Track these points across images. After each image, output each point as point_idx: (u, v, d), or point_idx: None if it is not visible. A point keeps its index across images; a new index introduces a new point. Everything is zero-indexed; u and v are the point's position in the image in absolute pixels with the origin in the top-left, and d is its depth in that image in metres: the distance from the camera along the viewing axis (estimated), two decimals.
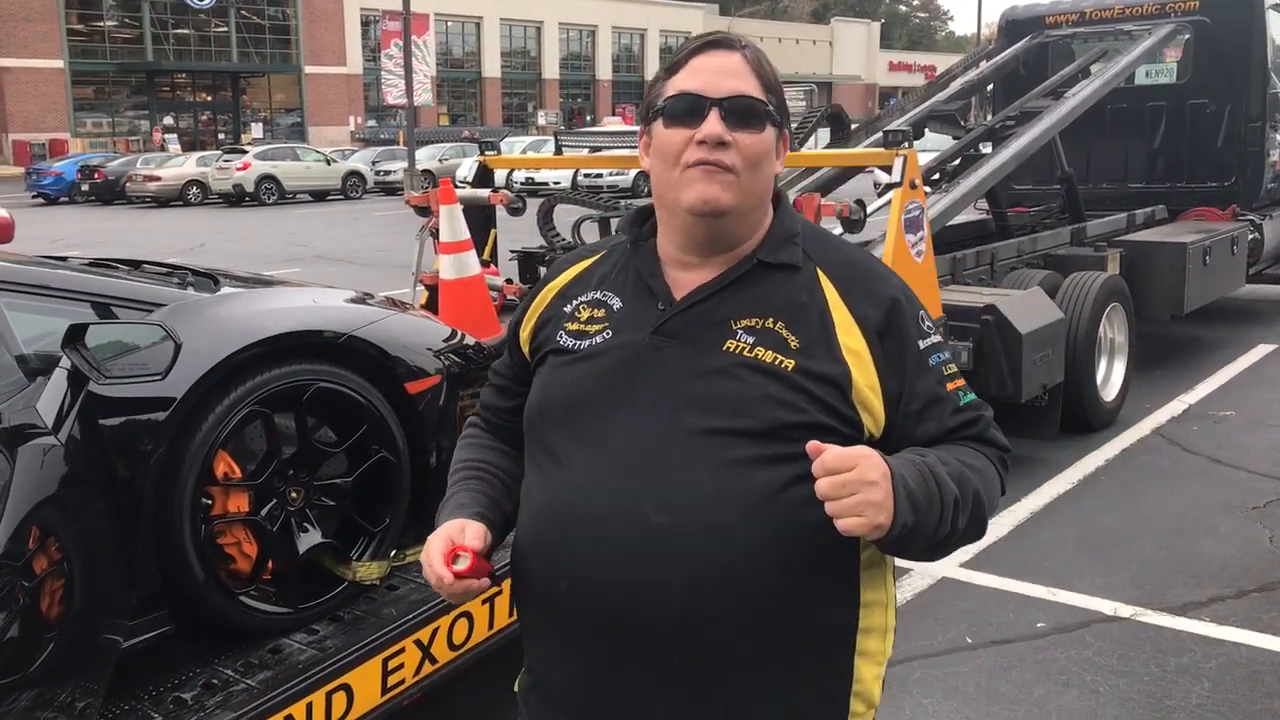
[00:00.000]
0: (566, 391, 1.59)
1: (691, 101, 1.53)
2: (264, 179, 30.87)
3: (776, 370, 1.50)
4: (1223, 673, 3.83)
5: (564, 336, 1.63)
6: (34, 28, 44.65)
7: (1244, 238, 8.80)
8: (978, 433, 1.62)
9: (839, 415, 1.51)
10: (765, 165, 1.56)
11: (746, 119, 1.53)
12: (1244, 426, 6.81)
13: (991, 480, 1.58)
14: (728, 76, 1.54)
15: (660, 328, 1.55)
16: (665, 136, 1.55)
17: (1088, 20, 9.57)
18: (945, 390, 1.60)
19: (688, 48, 1.59)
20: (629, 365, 1.55)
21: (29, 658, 2.21)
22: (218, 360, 2.76)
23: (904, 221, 5.01)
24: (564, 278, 1.71)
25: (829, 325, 1.54)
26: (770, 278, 1.58)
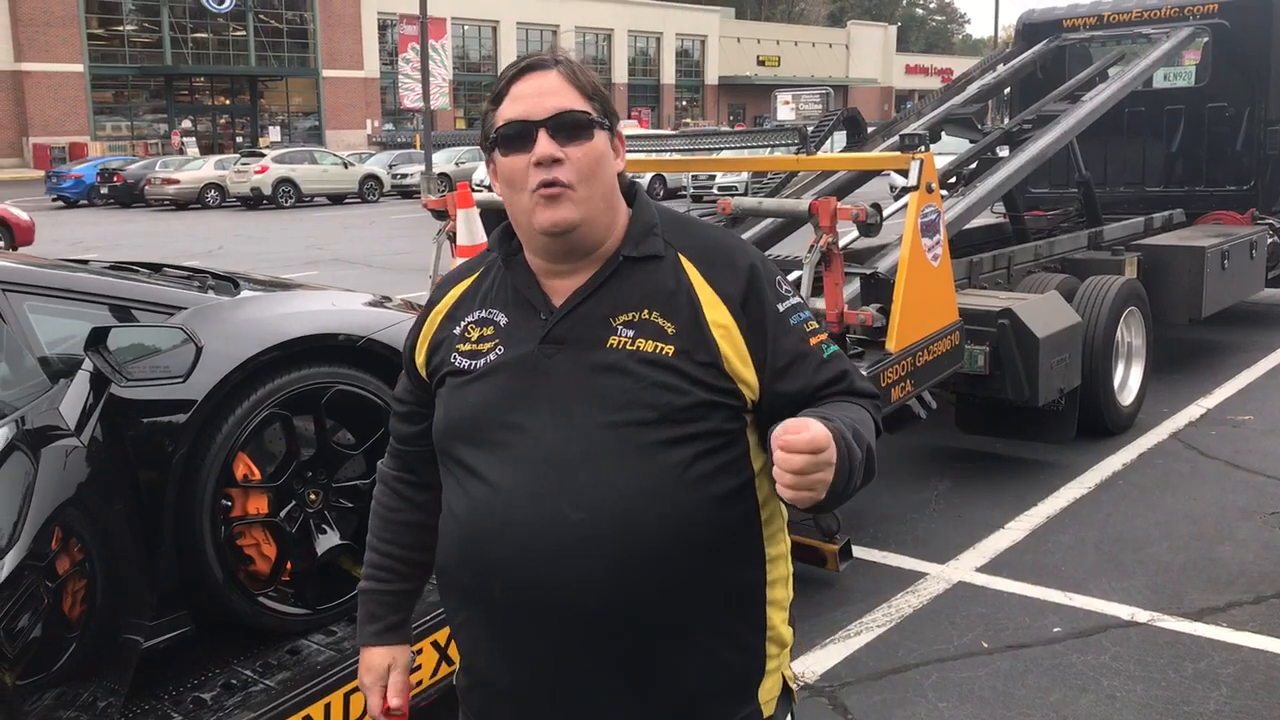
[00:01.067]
0: (470, 409, 1.65)
1: (519, 128, 1.60)
2: (282, 182, 30.99)
3: (659, 359, 1.59)
4: (1241, 678, 3.81)
5: (458, 357, 1.69)
6: (55, 32, 44.96)
7: (1263, 242, 8.75)
8: (849, 385, 1.71)
9: (720, 390, 1.61)
10: (602, 170, 1.63)
11: (573, 132, 1.60)
12: (1263, 431, 6.78)
13: (873, 431, 1.67)
14: (548, 95, 1.61)
15: (546, 336, 1.63)
16: (506, 164, 1.63)
17: (1105, 23, 9.53)
18: (809, 346, 1.69)
19: (505, 76, 1.65)
20: (524, 376, 1.62)
21: (52, 657, 2.23)
22: (238, 363, 2.78)
23: (920, 225, 5.00)
24: (448, 300, 1.76)
25: (697, 306, 1.63)
26: (638, 270, 1.65)
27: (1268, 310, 10.53)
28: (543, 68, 1.64)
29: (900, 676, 3.86)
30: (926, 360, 5.03)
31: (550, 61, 1.65)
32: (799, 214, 5.07)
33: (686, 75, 69.49)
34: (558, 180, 1.58)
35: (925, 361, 5.02)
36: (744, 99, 69.58)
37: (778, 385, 1.66)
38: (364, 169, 33.63)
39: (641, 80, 67.07)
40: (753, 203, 5.77)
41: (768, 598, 1.69)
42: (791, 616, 1.76)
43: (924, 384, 5.03)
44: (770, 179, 7.30)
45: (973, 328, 5.59)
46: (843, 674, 3.91)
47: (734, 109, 70.07)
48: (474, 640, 1.70)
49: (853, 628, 4.24)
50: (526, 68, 1.65)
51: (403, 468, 1.87)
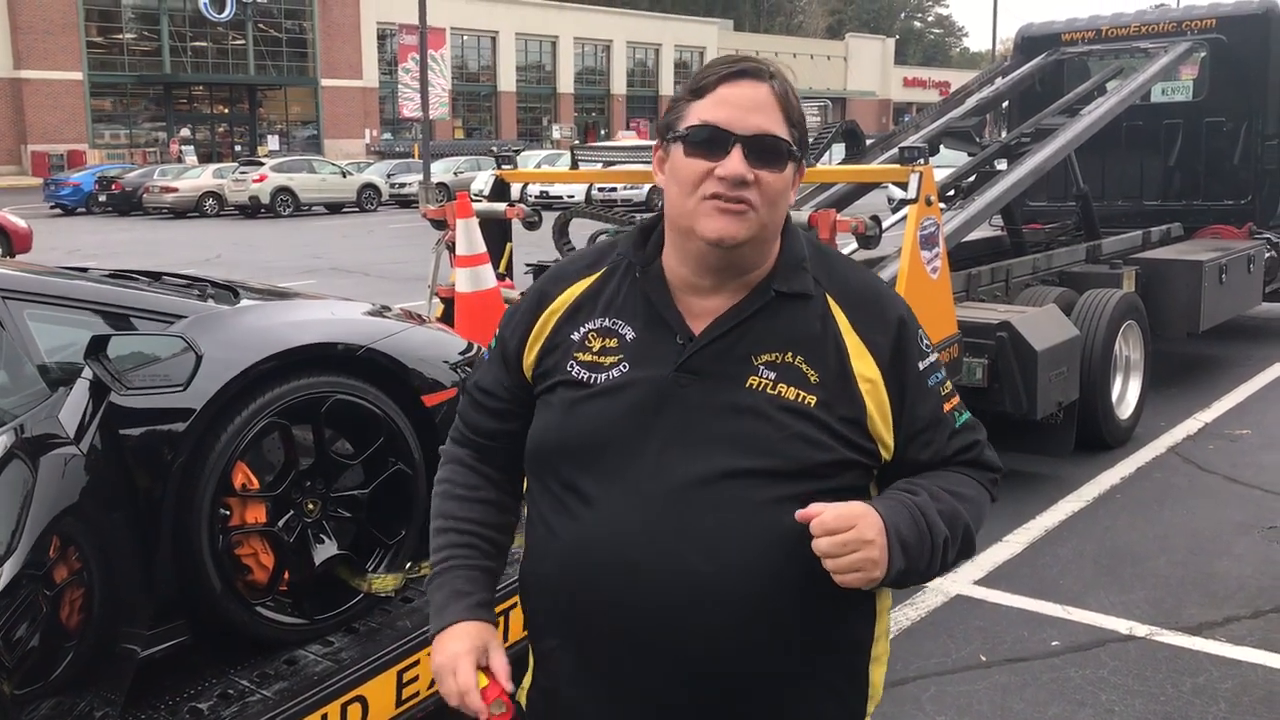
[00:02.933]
0: (588, 429, 1.55)
1: (714, 134, 1.50)
2: (280, 191, 31.02)
3: (801, 408, 1.51)
4: (1239, 693, 3.81)
5: (576, 367, 1.58)
6: (54, 40, 45.03)
7: (1260, 256, 8.78)
8: (973, 457, 1.65)
9: (860, 449, 1.54)
10: (782, 201, 1.55)
11: (770, 158, 1.50)
12: (1260, 445, 6.78)
13: (982, 507, 1.62)
14: (754, 111, 1.50)
15: (683, 364, 1.53)
16: (684, 164, 1.53)
17: (1104, 38, 9.57)
18: (943, 412, 1.62)
19: (716, 72, 1.54)
20: (653, 403, 1.52)
21: (49, 666, 2.22)
22: (237, 372, 2.78)
23: (919, 238, 5.01)
24: (565, 299, 1.65)
25: (844, 355, 1.55)
26: (785, 308, 1.57)
27: (1265, 324, 10.54)
28: (758, 77, 1.53)
29: (898, 690, 3.86)
30: None
31: (766, 73, 1.54)
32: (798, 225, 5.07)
33: None
34: (742, 198, 1.49)
35: None
36: None
37: (910, 452, 1.59)
38: (362, 178, 33.68)
39: (640, 91, 67.20)
40: None
41: (872, 655, 1.64)
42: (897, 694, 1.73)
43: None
44: None
45: (971, 340, 5.59)
46: None
47: None
48: (562, 668, 1.61)
49: None
50: (741, 72, 1.53)
51: (478, 458, 1.75)
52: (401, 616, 3.13)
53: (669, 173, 1.57)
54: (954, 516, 1.54)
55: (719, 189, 1.49)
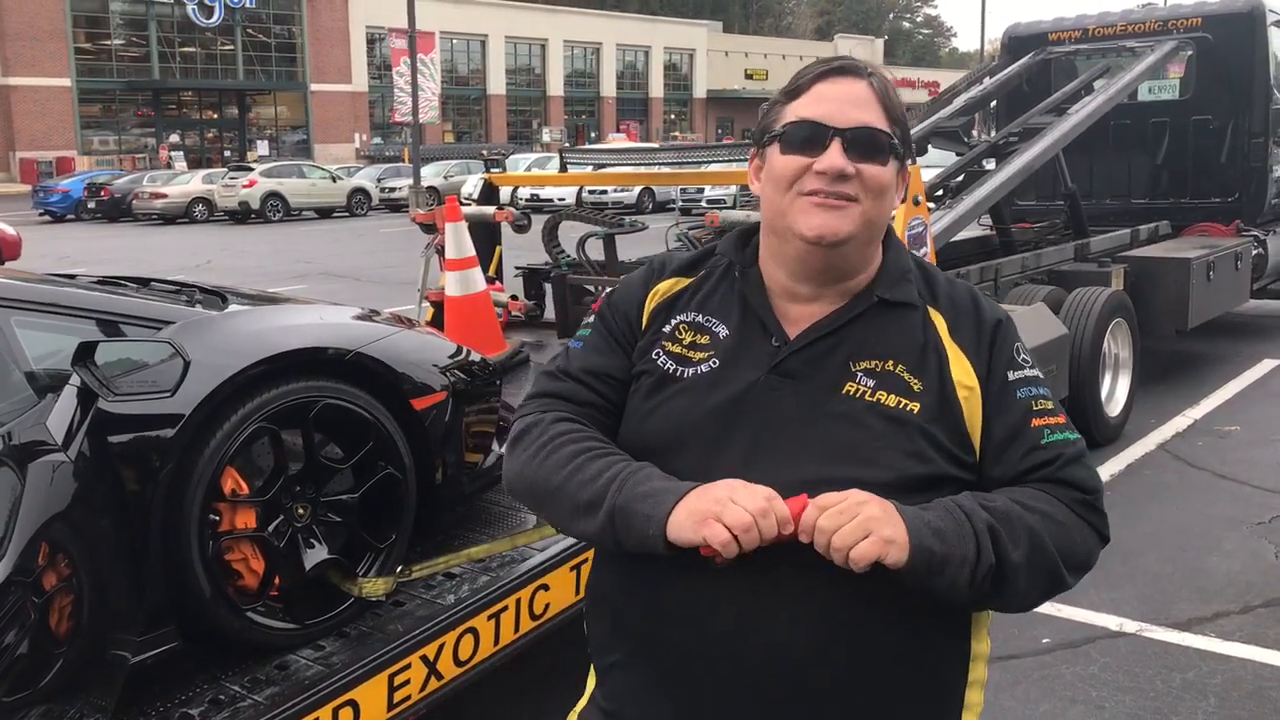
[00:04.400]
0: (673, 420, 1.49)
1: (812, 130, 1.46)
2: (270, 196, 30.99)
3: (901, 415, 1.44)
4: (1228, 688, 3.83)
5: (661, 357, 1.53)
6: (42, 46, 44.91)
7: (1248, 253, 8.81)
8: (1050, 473, 1.50)
9: (960, 463, 1.47)
10: (886, 199, 1.49)
11: (870, 151, 1.46)
12: (1249, 442, 6.81)
13: (1066, 527, 1.46)
14: (853, 106, 1.47)
15: (777, 366, 1.47)
16: (781, 163, 1.48)
17: (1091, 37, 9.60)
18: (1029, 427, 1.51)
19: (812, 72, 1.51)
20: (743, 402, 1.46)
21: (38, 674, 2.22)
22: (226, 377, 2.78)
23: (907, 238, 5.02)
24: (668, 287, 1.61)
25: (944, 362, 1.49)
26: (887, 316, 1.51)
27: (1253, 321, 10.58)
28: (855, 74, 1.49)
29: None
30: None
31: (865, 70, 1.50)
32: None
33: (674, 89, 69.69)
34: (844, 193, 1.44)
35: None
36: (732, 112, 69.78)
37: (984, 466, 1.50)
38: (352, 183, 33.68)
39: (630, 94, 67.23)
40: (741, 216, 5.78)
41: (965, 701, 1.54)
42: None
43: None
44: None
45: None
46: None
47: (722, 122, 70.27)
48: (625, 686, 1.52)
49: None
50: (838, 69, 1.50)
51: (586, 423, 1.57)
52: (392, 620, 3.13)
53: (766, 177, 1.52)
54: (1009, 516, 1.42)
55: (818, 184, 1.44)
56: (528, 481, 1.53)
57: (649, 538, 1.38)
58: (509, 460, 1.58)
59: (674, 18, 72.36)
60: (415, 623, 3.08)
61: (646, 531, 1.38)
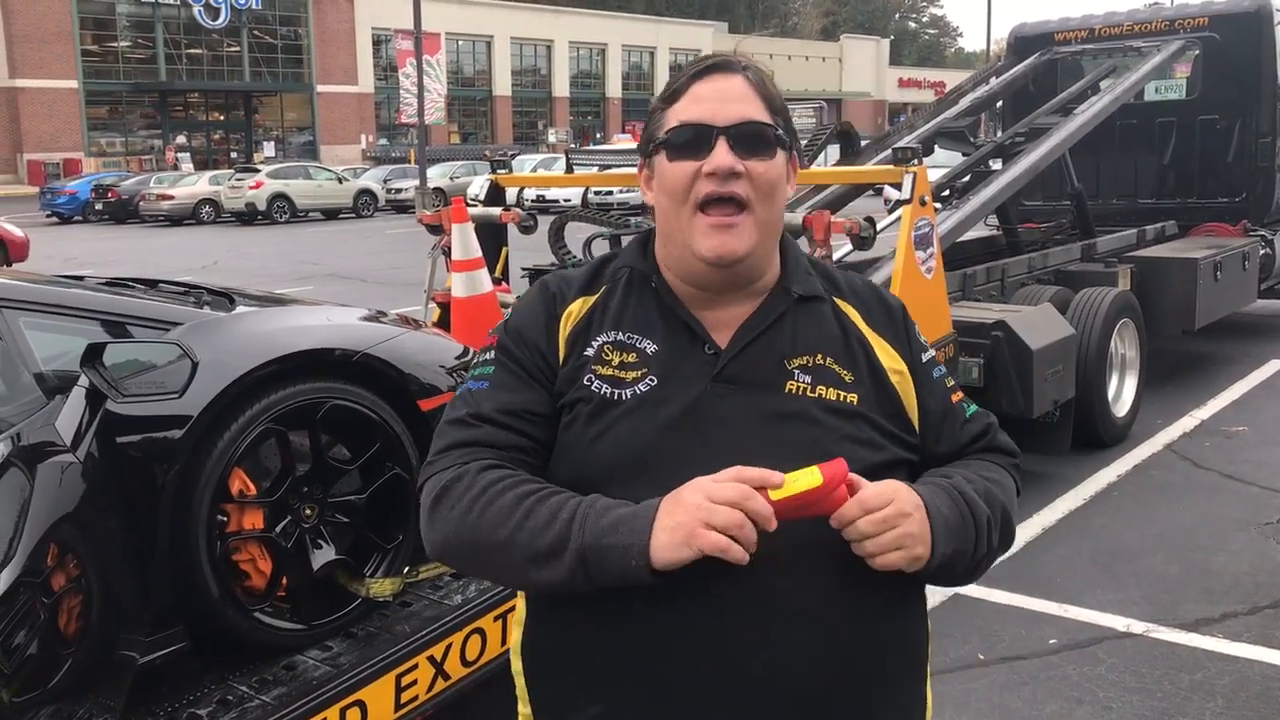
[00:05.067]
0: (626, 448, 1.42)
1: (696, 131, 1.44)
2: (276, 197, 31.02)
3: (845, 408, 1.45)
4: (1236, 689, 3.82)
5: (597, 382, 1.46)
6: (49, 48, 45.02)
7: (1255, 253, 8.80)
8: (989, 442, 1.60)
9: (908, 445, 1.50)
10: (779, 193, 1.48)
11: (757, 146, 1.44)
12: (1256, 442, 6.80)
13: (1010, 490, 1.57)
14: (733, 101, 1.45)
15: (720, 374, 1.45)
16: (670, 171, 1.46)
17: (1097, 37, 9.59)
18: (952, 403, 1.59)
19: (686, 73, 1.50)
20: (693, 415, 1.43)
21: (48, 674, 2.23)
22: (234, 378, 2.78)
23: (914, 238, 5.02)
24: (578, 308, 1.54)
25: (870, 351, 1.52)
26: (805, 311, 1.52)
27: (1260, 321, 10.56)
28: (729, 69, 1.48)
29: None
30: None
31: (737, 64, 1.49)
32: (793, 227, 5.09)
33: None
34: (734, 195, 1.42)
35: None
36: None
37: (927, 445, 1.54)
38: (358, 184, 33.69)
39: (635, 94, 67.21)
40: None
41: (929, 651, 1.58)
42: None
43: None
44: None
45: (967, 340, 5.60)
46: None
47: None
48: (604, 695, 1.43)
49: None
50: (712, 67, 1.48)
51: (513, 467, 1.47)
52: (400, 621, 3.14)
53: (658, 187, 1.50)
54: (989, 496, 1.49)
55: (711, 186, 1.42)
56: (464, 541, 1.41)
57: (631, 569, 1.31)
58: (433, 524, 1.44)
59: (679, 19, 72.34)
60: (422, 623, 3.08)
61: (627, 563, 1.31)
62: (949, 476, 1.50)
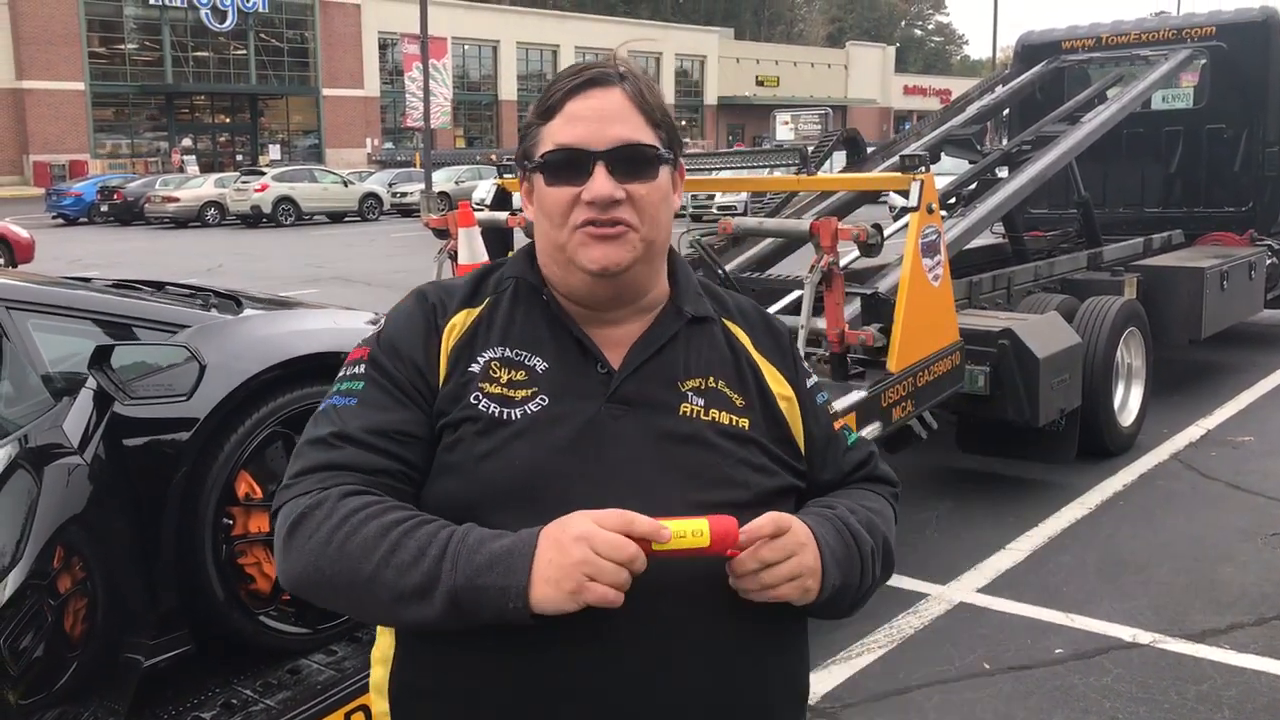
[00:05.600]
0: (519, 472, 1.34)
1: (572, 156, 1.37)
2: (281, 200, 31.05)
3: (738, 432, 1.42)
4: (1243, 701, 3.80)
5: (485, 401, 1.37)
6: (56, 50, 45.13)
7: (1262, 262, 8.78)
8: (869, 471, 1.59)
9: (796, 471, 1.48)
10: (663, 212, 1.42)
11: (637, 168, 1.38)
12: (1263, 452, 6.78)
13: (890, 520, 1.55)
14: (610, 121, 1.38)
15: (614, 395, 1.39)
16: (549, 195, 1.40)
17: (1104, 45, 9.59)
18: (834, 430, 1.57)
19: (560, 88, 1.42)
20: (587, 437, 1.36)
21: (53, 676, 2.22)
22: (241, 381, 2.78)
23: (921, 246, 5.01)
24: (460, 320, 1.45)
25: (760, 376, 1.49)
26: (696, 333, 1.48)
27: (1267, 331, 10.54)
28: (606, 83, 1.41)
29: (902, 698, 3.85)
30: (927, 380, 5.04)
31: (614, 75, 1.42)
32: (800, 234, 5.09)
33: (686, 95, 69.72)
34: (617, 219, 1.37)
35: (926, 382, 5.03)
36: (743, 119, 69.80)
37: (814, 472, 1.52)
38: (364, 187, 33.72)
39: None
40: (754, 223, 5.79)
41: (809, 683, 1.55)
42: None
43: (925, 404, 5.04)
44: (769, 199, 7.32)
45: (973, 348, 5.59)
46: (844, 695, 3.89)
47: (733, 129, 70.29)
48: None
49: (854, 649, 4.22)
50: (588, 81, 1.41)
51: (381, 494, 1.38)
52: None
53: (536, 206, 1.44)
54: (872, 527, 1.47)
55: (590, 214, 1.36)
56: (323, 576, 1.30)
57: (509, 611, 1.24)
58: (287, 555, 1.33)
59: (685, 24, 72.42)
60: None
61: (504, 605, 1.23)
62: (832, 507, 1.47)
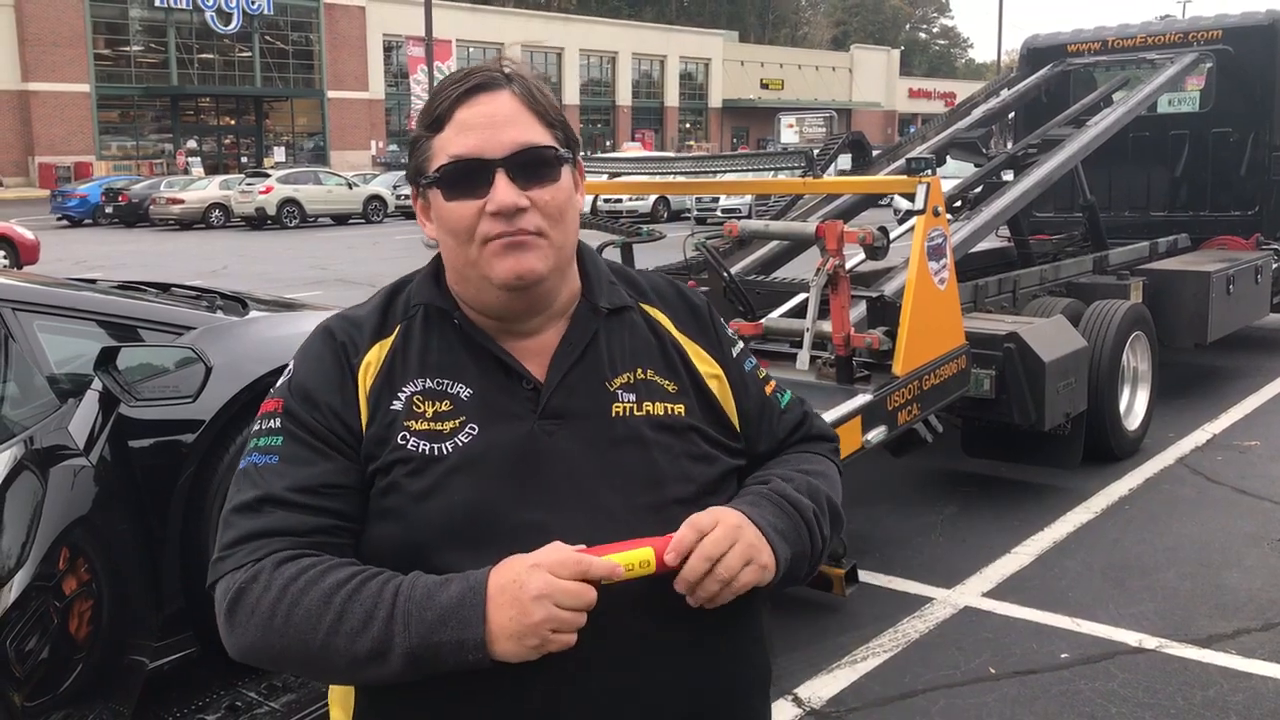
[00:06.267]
0: (462, 508, 1.30)
1: (469, 166, 1.32)
2: (286, 202, 31.10)
3: (675, 422, 1.39)
4: (1250, 706, 3.79)
5: (410, 438, 1.33)
6: (61, 52, 45.24)
7: (1268, 266, 8.77)
8: (805, 432, 1.58)
9: (733, 451, 1.46)
10: (570, 213, 1.39)
11: (538, 171, 1.34)
12: (1269, 456, 6.76)
13: (834, 477, 1.54)
14: (504, 126, 1.33)
15: (544, 410, 1.36)
16: (449, 211, 1.34)
17: (1110, 49, 9.58)
18: (766, 394, 1.55)
19: (446, 96, 1.36)
20: (526, 461, 1.33)
21: (59, 678, 2.22)
22: (247, 383, 2.78)
23: (927, 249, 5.01)
24: (374, 357, 1.39)
25: (688, 359, 1.46)
26: (616, 325, 1.44)
27: (1273, 335, 10.52)
28: (493, 86, 1.35)
29: (907, 702, 3.84)
30: (933, 384, 5.03)
31: (501, 78, 1.36)
32: (806, 237, 5.08)
33: (690, 98, 69.77)
34: (523, 230, 1.32)
35: (931, 385, 5.02)
36: (747, 122, 69.83)
37: (751, 446, 1.50)
38: (368, 190, 33.76)
39: (645, 103, 67.33)
40: (759, 225, 5.78)
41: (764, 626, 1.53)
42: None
43: (930, 408, 5.03)
44: (774, 202, 7.32)
45: (979, 351, 5.58)
46: (849, 699, 3.88)
47: (737, 132, 70.33)
48: None
49: (859, 653, 4.21)
50: (475, 87, 1.35)
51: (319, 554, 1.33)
52: None
53: (437, 224, 1.38)
54: (813, 491, 1.46)
55: (497, 227, 1.32)
56: (274, 650, 1.27)
57: (470, 662, 1.22)
58: (232, 631, 1.29)
59: (690, 27, 72.45)
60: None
61: (464, 658, 1.22)
62: (766, 482, 1.45)
